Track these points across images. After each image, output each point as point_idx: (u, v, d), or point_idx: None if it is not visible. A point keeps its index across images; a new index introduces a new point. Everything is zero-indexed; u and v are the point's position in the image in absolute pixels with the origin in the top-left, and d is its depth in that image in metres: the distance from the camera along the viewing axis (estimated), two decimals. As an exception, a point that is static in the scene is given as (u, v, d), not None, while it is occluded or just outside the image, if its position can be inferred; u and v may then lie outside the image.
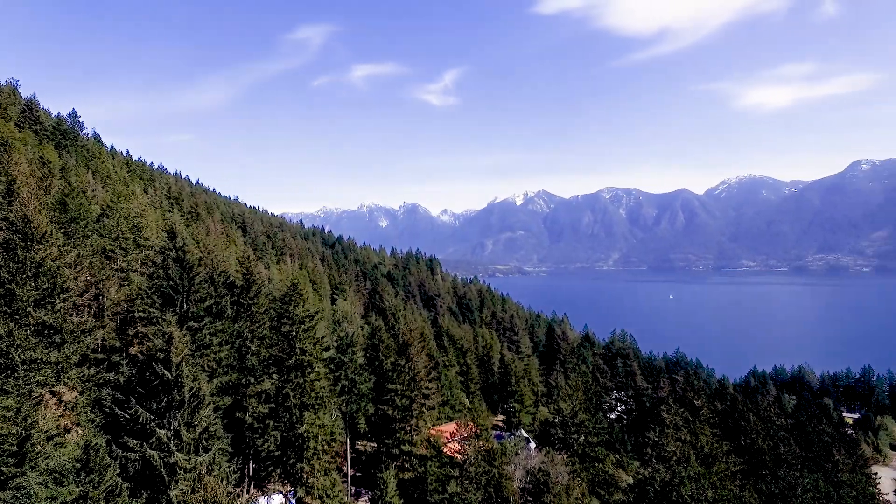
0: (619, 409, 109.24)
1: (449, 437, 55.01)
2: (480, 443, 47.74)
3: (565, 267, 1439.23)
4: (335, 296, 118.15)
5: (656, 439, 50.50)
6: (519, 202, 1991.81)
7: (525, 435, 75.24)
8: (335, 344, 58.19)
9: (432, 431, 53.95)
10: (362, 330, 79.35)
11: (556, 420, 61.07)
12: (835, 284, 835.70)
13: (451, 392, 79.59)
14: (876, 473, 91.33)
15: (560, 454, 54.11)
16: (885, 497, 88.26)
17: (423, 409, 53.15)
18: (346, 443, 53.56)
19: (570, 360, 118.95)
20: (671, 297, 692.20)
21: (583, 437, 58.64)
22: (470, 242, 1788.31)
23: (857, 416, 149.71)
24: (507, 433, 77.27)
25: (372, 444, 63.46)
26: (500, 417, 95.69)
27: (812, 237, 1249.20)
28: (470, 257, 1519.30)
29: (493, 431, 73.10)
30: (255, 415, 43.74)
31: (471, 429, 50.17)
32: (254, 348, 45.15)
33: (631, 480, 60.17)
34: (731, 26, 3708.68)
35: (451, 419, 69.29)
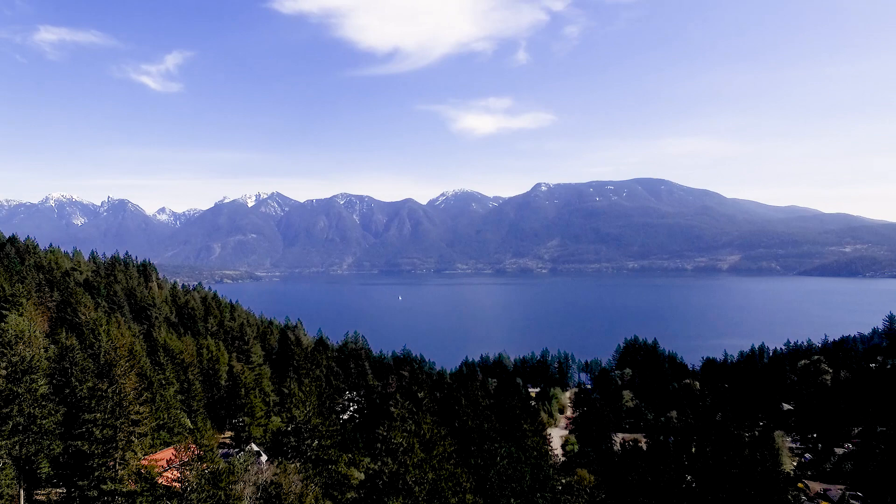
0: (351, 408, 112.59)
1: (166, 464, 48.72)
2: (204, 465, 43.53)
3: (300, 271, 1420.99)
4: (4, 311, 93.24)
5: (385, 433, 53.66)
6: (251, 203, 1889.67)
7: (256, 449, 71.57)
8: (3, 372, 45.92)
9: (144, 462, 47.02)
10: (46, 352, 64.41)
11: (289, 428, 59.70)
12: (524, 283, 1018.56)
13: (169, 413, 70.77)
14: (549, 434, 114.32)
15: (293, 462, 53.05)
16: (555, 452, 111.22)
17: (132, 437, 45.96)
18: (18, 495, 42.67)
19: (305, 366, 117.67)
20: (399, 298, 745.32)
21: (316, 442, 58.63)
22: (194, 245, 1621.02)
23: (538, 389, 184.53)
24: (236, 449, 72.34)
25: (60, 491, 51.96)
26: (229, 434, 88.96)
27: (508, 244, 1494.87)
28: (194, 262, 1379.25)
29: (221, 450, 67.59)
30: None
31: (192, 451, 45.31)
32: None
33: (363, 477, 62.57)
34: (450, 57, 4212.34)
35: (168, 444, 61.52)
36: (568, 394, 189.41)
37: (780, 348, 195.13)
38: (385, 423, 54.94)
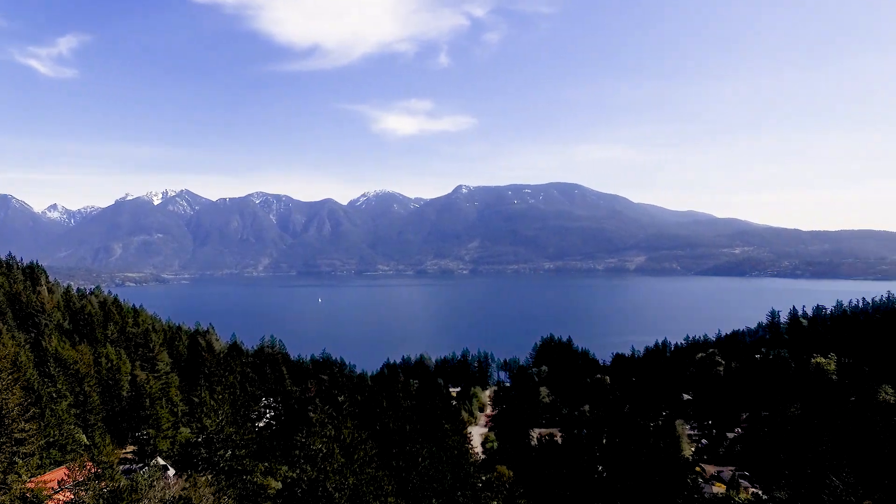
0: (268, 415, 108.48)
1: (57, 485, 44.59)
2: (102, 484, 40.28)
3: (212, 273, 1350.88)
4: None
5: (303, 440, 52.22)
6: (157, 202, 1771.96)
7: (162, 462, 67.20)
8: None
9: (30, 484, 42.74)
10: None
11: (199, 439, 56.50)
12: (445, 284, 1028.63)
13: (61, 429, 64.85)
14: (470, 433, 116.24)
15: (204, 475, 50.27)
16: (476, 450, 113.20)
17: (16, 458, 41.63)
18: None
19: (217, 373, 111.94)
20: (319, 300, 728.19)
21: (230, 452, 55.95)
22: (91, 246, 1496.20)
23: (459, 389, 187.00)
24: (140, 465, 67.55)
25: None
26: (132, 448, 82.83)
27: (430, 246, 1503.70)
28: (91, 264, 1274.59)
29: (122, 466, 63.08)
30: None
31: (88, 469, 41.79)
32: None
33: (280, 486, 60.50)
34: (372, 57, 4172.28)
35: (60, 463, 56.33)
36: (488, 392, 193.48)
37: (681, 343, 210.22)
38: (304, 430, 53.52)
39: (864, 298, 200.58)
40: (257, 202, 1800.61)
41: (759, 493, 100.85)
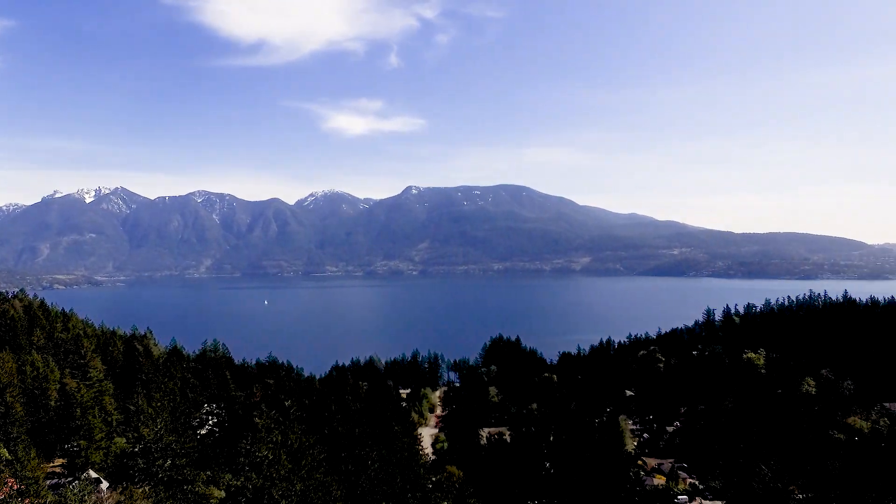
0: (211, 422, 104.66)
1: (-26, 505, 41.41)
2: (27, 501, 37.78)
3: (150, 275, 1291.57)
4: None
5: (248, 447, 50.71)
6: (89, 199, 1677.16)
7: (94, 475, 63.61)
8: None
9: (-56, 505, 39.52)
10: None
11: (136, 449, 53.90)
12: (395, 285, 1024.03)
13: (-20, 444, 60.21)
14: (420, 434, 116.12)
15: (141, 487, 47.99)
16: (426, 451, 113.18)
17: (-72, 476, 38.37)
18: None
19: (156, 379, 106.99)
20: (266, 302, 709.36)
21: (169, 462, 53.62)
22: (13, 246, 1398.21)
23: (409, 390, 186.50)
24: (70, 479, 63.67)
25: None
26: (60, 461, 77.88)
27: (380, 247, 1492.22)
28: (14, 265, 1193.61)
29: (50, 481, 59.43)
30: None
31: (10, 486, 39.09)
32: None
33: (223, 495, 58.51)
34: (320, 54, 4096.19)
35: (-22, 481, 52.27)
36: (438, 393, 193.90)
37: (624, 341, 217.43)
38: (249, 436, 51.99)
39: (789, 297, 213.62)
40: (199, 201, 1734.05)
41: (696, 483, 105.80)
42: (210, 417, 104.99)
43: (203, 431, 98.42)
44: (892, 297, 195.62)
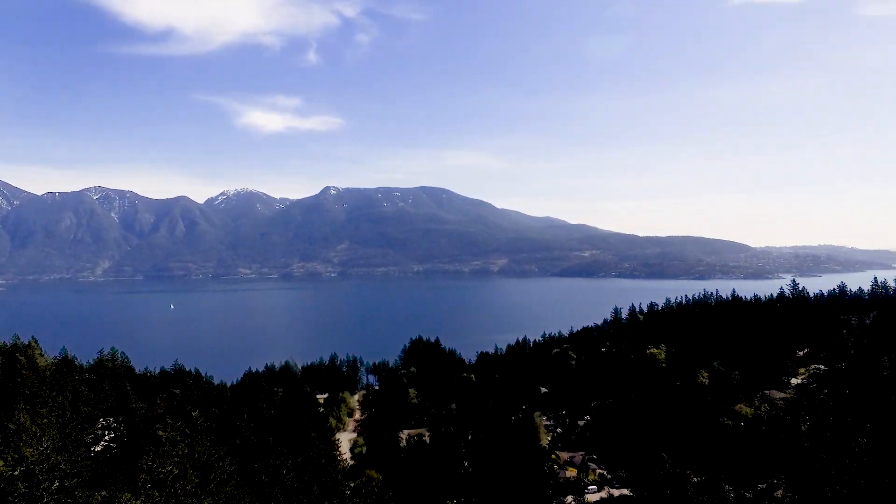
0: (107, 437, 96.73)
1: None
2: None
3: (36, 278, 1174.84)
4: None
5: (151, 462, 47.33)
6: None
7: (-34, 505, 56.68)
8: None
9: None
10: None
11: (16, 472, 48.59)
12: (312, 288, 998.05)
13: None
14: (338, 439, 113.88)
15: (23, 514, 43.29)
16: (344, 456, 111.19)
17: None
18: None
19: (42, 393, 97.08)
20: (172, 307, 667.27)
21: (57, 483, 48.87)
22: None
23: (327, 395, 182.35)
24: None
25: None
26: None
27: (296, 248, 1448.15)
28: None
29: None
30: None
31: None
32: None
33: (121, 515, 54.12)
34: (234, 47, 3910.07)
35: None
36: (357, 396, 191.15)
37: (539, 339, 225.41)
38: (151, 451, 48.58)
39: (686, 296, 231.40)
40: (95, 198, 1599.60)
41: (605, 473, 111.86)
42: (107, 433, 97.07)
43: (98, 448, 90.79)
44: (772, 294, 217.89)
